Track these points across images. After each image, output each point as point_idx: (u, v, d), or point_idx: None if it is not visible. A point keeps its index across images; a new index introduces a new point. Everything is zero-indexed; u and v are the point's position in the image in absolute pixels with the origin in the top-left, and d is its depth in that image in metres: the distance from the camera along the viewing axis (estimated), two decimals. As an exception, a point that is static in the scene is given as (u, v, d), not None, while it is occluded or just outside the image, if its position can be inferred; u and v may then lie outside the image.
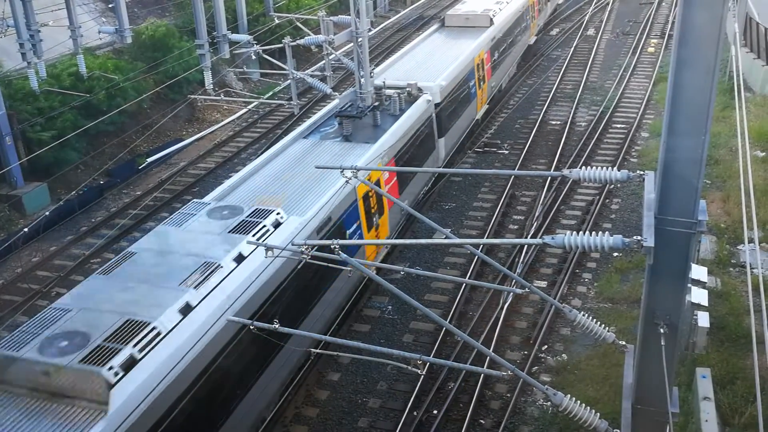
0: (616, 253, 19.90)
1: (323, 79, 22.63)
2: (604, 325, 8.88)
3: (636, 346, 8.29)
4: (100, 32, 24.83)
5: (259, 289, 12.61)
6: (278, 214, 14.15)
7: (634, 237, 6.89)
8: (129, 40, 23.25)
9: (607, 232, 7.19)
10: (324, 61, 22.80)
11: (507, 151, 27.10)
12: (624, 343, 8.91)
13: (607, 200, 23.07)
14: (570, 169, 7.79)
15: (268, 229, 13.68)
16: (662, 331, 7.64)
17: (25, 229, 20.56)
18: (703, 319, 14.93)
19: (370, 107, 19.90)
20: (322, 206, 14.59)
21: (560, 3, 46.64)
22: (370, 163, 16.75)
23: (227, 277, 12.22)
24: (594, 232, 7.20)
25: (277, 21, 29.96)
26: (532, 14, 35.81)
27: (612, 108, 30.22)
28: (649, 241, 6.77)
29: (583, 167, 7.81)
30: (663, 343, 7.61)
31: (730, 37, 30.17)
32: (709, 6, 6.35)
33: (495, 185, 24.38)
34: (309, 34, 22.82)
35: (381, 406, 15.32)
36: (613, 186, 23.47)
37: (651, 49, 38.18)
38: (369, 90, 20.32)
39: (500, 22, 29.68)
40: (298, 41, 22.03)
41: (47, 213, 22.43)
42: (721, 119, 26.49)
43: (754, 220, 12.22)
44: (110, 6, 31.63)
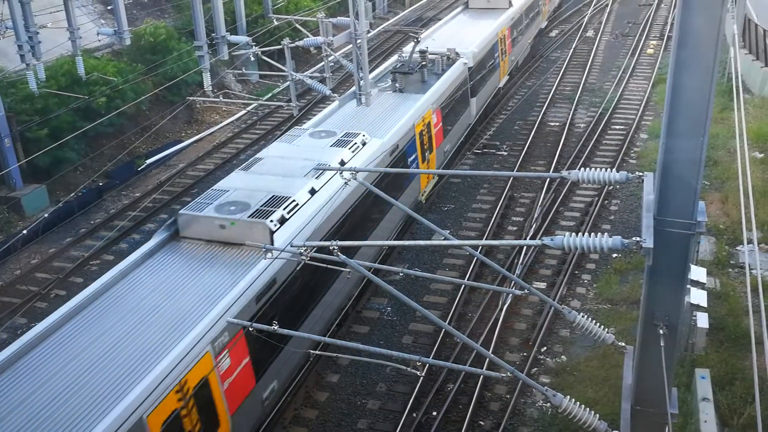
0: (615, 255, 19.90)
1: (322, 81, 22.66)
2: (603, 327, 8.89)
3: (635, 347, 8.29)
4: (98, 34, 24.86)
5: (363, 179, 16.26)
6: (364, 135, 18.20)
7: (633, 238, 6.90)
8: (128, 42, 23.29)
9: (606, 234, 7.20)
10: (323, 63, 22.82)
11: (506, 153, 27.12)
12: (623, 344, 8.91)
13: (606, 201, 23.08)
14: (569, 171, 7.79)
15: (359, 146, 17.78)
16: (661, 332, 7.65)
17: (24, 231, 20.54)
18: (702, 320, 14.99)
19: (420, 66, 23.23)
20: (393, 133, 19.07)
21: None
22: (421, 108, 21.21)
23: (328, 184, 15.90)
24: (593, 234, 7.21)
25: (276, 22, 30.01)
26: (544, 1, 40.08)
27: (611, 109, 30.24)
28: (648, 242, 6.78)
29: (582, 169, 7.82)
30: (662, 344, 7.62)
31: (729, 38, 30.19)
32: (708, 8, 6.36)
33: (494, 187, 24.39)
34: (308, 36, 22.84)
35: (380, 408, 15.31)
36: (612, 187, 23.49)
37: (650, 51, 38.22)
38: (368, 91, 20.36)
39: (518, 5, 33.36)
40: (297, 43, 22.06)
41: (46, 215, 22.40)
42: (720, 120, 26.52)
43: (753, 221, 12.23)
44: (109, 8, 31.69)
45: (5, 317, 18.33)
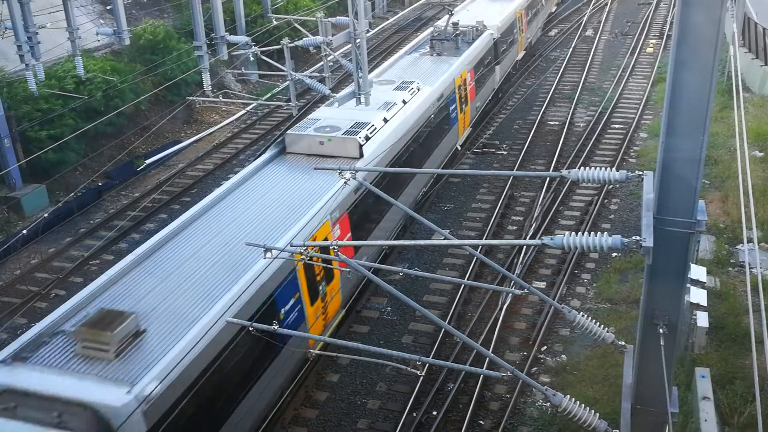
0: (615, 254, 19.90)
1: (322, 81, 22.62)
2: (603, 326, 8.87)
3: (635, 347, 8.29)
4: (98, 34, 24.81)
5: (420, 116, 21.31)
6: (417, 83, 22.43)
7: (633, 237, 6.89)
8: (127, 42, 23.22)
9: (606, 233, 7.18)
10: (322, 63, 22.80)
11: (506, 152, 27.12)
12: (623, 343, 8.90)
13: (606, 201, 23.08)
14: (569, 170, 7.79)
15: (415, 90, 21.90)
16: (661, 331, 7.64)
17: (24, 231, 20.53)
18: (702, 319, 14.98)
19: (454, 34, 26.94)
20: (439, 84, 23.13)
21: None
22: (459, 68, 25.06)
23: (401, 110, 20.50)
24: (593, 233, 7.19)
25: (276, 22, 29.97)
26: None
27: (610, 108, 30.23)
28: (648, 242, 6.77)
29: (582, 168, 7.81)
30: (662, 343, 7.62)
31: (729, 37, 30.18)
32: (708, 6, 6.35)
33: (494, 186, 24.39)
34: (307, 36, 22.82)
35: (380, 407, 15.31)
36: (611, 186, 23.49)
37: (649, 50, 38.21)
38: (368, 91, 20.37)
39: None
40: (297, 42, 22.02)
41: (46, 215, 22.40)
42: (720, 119, 26.51)
43: (753, 220, 12.23)
44: (108, 8, 31.65)
45: (5, 317, 18.32)
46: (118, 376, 10.27)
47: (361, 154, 17.62)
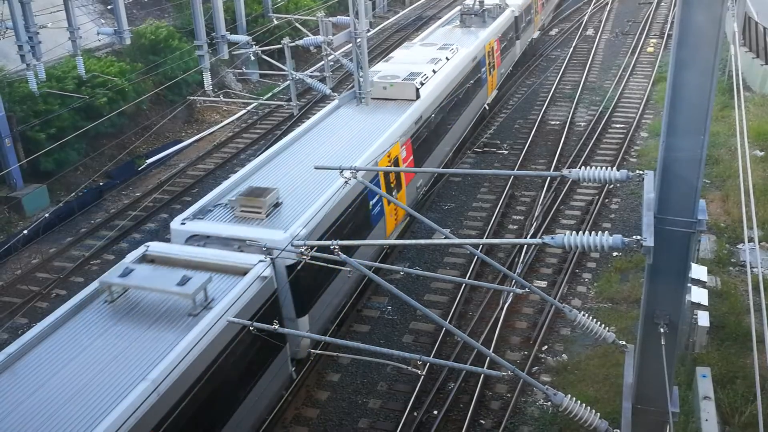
0: (615, 253, 19.89)
1: (322, 80, 22.62)
2: (604, 325, 8.87)
3: (636, 346, 8.28)
4: (98, 34, 24.81)
5: (459, 71, 24.92)
6: (456, 45, 25.92)
7: (634, 237, 6.88)
8: (128, 42, 23.22)
9: (607, 232, 7.18)
10: (323, 62, 22.80)
11: (506, 151, 27.11)
12: (624, 342, 8.90)
13: (607, 200, 23.07)
14: (569, 169, 7.78)
15: (455, 50, 25.42)
16: (662, 330, 7.64)
17: (25, 231, 20.56)
18: (703, 319, 14.97)
19: (481, 10, 30.41)
20: (474, 47, 26.72)
21: None
22: (487, 37, 28.54)
23: (445, 64, 24.09)
24: (593, 232, 7.19)
25: (276, 22, 29.97)
26: None
27: (611, 108, 30.23)
28: (649, 241, 6.77)
29: (583, 167, 7.80)
30: (663, 343, 7.61)
31: (729, 36, 30.15)
32: (708, 5, 6.34)
33: (494, 185, 24.39)
34: (308, 35, 22.81)
35: (381, 407, 15.31)
36: (612, 186, 23.48)
37: (650, 49, 38.19)
38: (368, 90, 20.38)
39: None
40: (297, 42, 22.02)
41: (47, 215, 22.41)
42: (721, 119, 26.50)
43: (754, 219, 12.23)
44: (109, 7, 31.68)
45: (6, 317, 18.33)
46: (274, 226, 14.38)
47: (418, 96, 21.37)
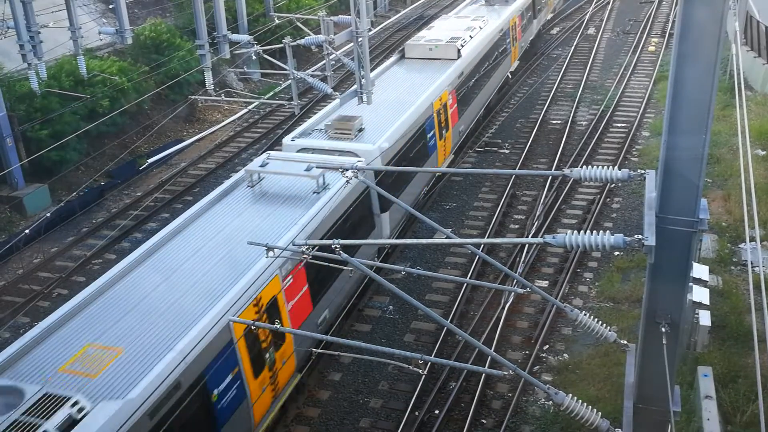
0: (617, 252, 19.87)
1: (324, 79, 22.61)
2: (605, 325, 8.86)
3: (637, 345, 8.28)
4: (100, 33, 24.81)
5: (490, 39, 28.55)
6: (486, 18, 29.47)
7: (636, 236, 6.88)
8: (129, 41, 23.23)
9: (608, 231, 7.17)
10: (324, 61, 22.81)
11: (508, 151, 27.10)
12: (625, 342, 8.89)
13: (608, 199, 23.06)
14: (571, 169, 7.78)
15: (486, 21, 29.03)
16: (664, 329, 7.63)
17: (26, 231, 20.56)
18: (705, 318, 14.91)
19: None
20: (501, 20, 30.32)
21: None
22: (511, 13, 31.82)
23: (479, 32, 27.36)
24: (595, 231, 7.18)
25: (278, 21, 29.95)
26: None
27: (613, 107, 30.20)
28: (650, 240, 6.76)
29: (584, 166, 7.79)
30: (664, 342, 7.61)
31: (731, 35, 30.13)
32: (710, 4, 6.33)
33: (496, 185, 24.37)
34: (309, 34, 22.80)
35: (382, 406, 15.31)
36: (614, 185, 23.46)
37: (651, 48, 38.15)
38: (369, 89, 20.37)
39: None
40: (299, 41, 22.01)
41: (48, 214, 22.43)
42: (722, 118, 26.47)
43: (756, 219, 12.21)
44: (110, 7, 31.67)
45: (8, 316, 18.35)
46: (362, 141, 18.60)
47: (459, 56, 25.08)
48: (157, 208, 23.94)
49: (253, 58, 28.13)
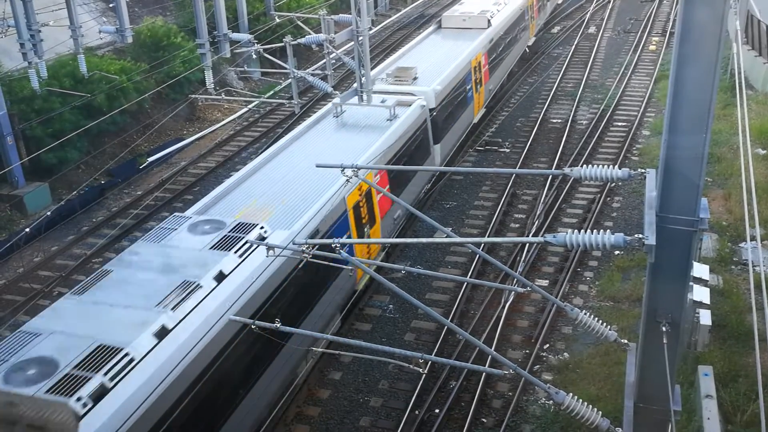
0: (617, 252, 19.87)
1: (324, 78, 22.64)
2: (605, 324, 8.86)
3: (638, 345, 8.27)
4: (100, 32, 24.83)
5: (513, 14, 32.55)
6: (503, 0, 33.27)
7: (636, 235, 6.87)
8: (129, 40, 23.25)
9: (609, 231, 7.17)
10: (325, 60, 22.83)
11: (508, 150, 27.09)
12: (626, 341, 8.89)
13: (609, 198, 23.05)
14: (571, 168, 7.77)
15: (506, 2, 32.74)
16: (664, 329, 7.63)
17: (27, 229, 20.58)
18: (705, 317, 14.94)
19: None
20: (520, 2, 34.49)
21: None
22: None
23: (505, 7, 31.83)
24: (595, 231, 7.18)
25: (278, 20, 29.99)
26: None
27: (613, 106, 30.19)
28: (651, 239, 6.75)
29: (585, 165, 7.79)
30: (665, 341, 7.60)
31: (732, 34, 30.12)
32: (711, 4, 6.33)
33: (496, 184, 24.37)
34: (310, 33, 22.82)
35: (382, 405, 15.31)
36: (614, 184, 23.45)
37: (652, 47, 38.14)
38: (369, 88, 20.36)
39: None
40: (299, 40, 22.04)
41: (48, 213, 22.43)
42: (723, 117, 26.46)
43: (756, 218, 12.20)
44: (111, 5, 31.66)
45: (8, 315, 18.35)
46: (419, 85, 22.26)
47: (489, 25, 28.82)
48: (157, 207, 23.95)
49: (254, 57, 28.13)
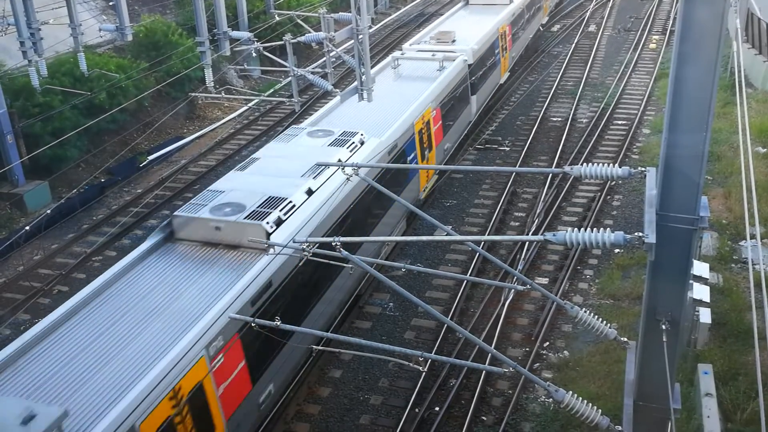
0: (617, 250, 19.88)
1: (324, 76, 22.61)
2: (605, 322, 8.86)
3: (638, 343, 8.28)
4: (100, 30, 24.82)
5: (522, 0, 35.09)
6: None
7: (636, 233, 6.87)
8: (129, 38, 23.25)
9: (609, 229, 7.17)
10: (325, 58, 22.79)
11: (508, 148, 27.09)
12: (625, 339, 8.89)
13: (609, 197, 23.05)
14: (571, 166, 7.77)
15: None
16: (664, 327, 7.63)
17: (27, 227, 20.54)
18: (705, 315, 14.96)
19: None
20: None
21: None
22: None
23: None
24: (595, 229, 7.18)
25: (278, 18, 29.98)
26: None
27: (613, 104, 30.18)
28: (651, 238, 6.76)
29: (585, 164, 7.78)
30: (665, 340, 7.61)
31: (732, 32, 30.11)
32: (711, 3, 6.33)
33: (496, 182, 24.37)
34: (310, 32, 22.79)
35: (383, 403, 15.33)
36: (614, 183, 23.45)
37: (652, 45, 38.12)
38: (369, 86, 20.35)
39: None
40: (299, 38, 22.01)
41: (48, 211, 22.42)
42: (723, 115, 26.46)
43: (756, 216, 12.20)
44: (111, 4, 31.66)
45: (8, 313, 18.35)
46: (459, 45, 25.84)
47: (511, 1, 32.37)
48: (157, 205, 23.95)
49: (254, 55, 28.12)
